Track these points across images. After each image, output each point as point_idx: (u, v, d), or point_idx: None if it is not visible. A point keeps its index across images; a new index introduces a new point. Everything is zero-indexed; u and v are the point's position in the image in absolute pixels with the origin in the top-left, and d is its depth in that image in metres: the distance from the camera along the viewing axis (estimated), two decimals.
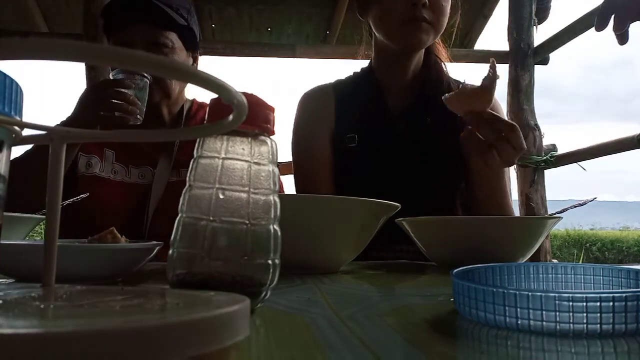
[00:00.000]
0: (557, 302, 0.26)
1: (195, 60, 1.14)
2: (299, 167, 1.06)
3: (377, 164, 0.98)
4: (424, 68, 1.03)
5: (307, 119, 1.07)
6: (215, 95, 0.28)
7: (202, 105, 1.19)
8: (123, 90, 0.88)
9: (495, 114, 0.77)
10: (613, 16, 0.74)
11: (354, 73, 1.10)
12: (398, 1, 0.92)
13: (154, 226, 1.00)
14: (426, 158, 0.98)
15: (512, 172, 1.01)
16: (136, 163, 1.06)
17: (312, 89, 1.10)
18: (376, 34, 1.00)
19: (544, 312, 0.27)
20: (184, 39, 1.07)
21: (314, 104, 1.08)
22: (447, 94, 0.77)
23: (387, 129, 1.00)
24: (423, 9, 0.90)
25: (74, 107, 0.91)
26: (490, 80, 0.74)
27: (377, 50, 1.04)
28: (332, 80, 1.11)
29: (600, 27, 0.75)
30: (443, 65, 1.05)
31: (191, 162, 0.34)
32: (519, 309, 0.27)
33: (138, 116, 0.92)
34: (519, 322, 0.27)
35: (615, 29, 0.74)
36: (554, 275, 0.42)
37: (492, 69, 0.74)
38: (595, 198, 0.91)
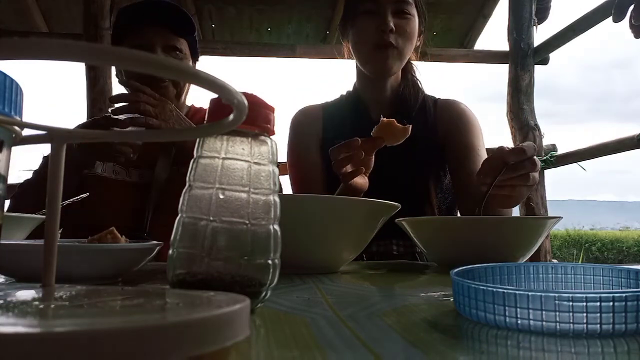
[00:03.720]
0: (557, 302, 0.26)
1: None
2: (295, 182, 1.15)
3: None
4: (402, 85, 1.14)
5: (298, 136, 1.17)
6: (215, 95, 0.28)
7: (198, 110, 1.22)
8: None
9: (520, 155, 0.72)
10: (632, 7, 0.72)
11: (341, 95, 1.21)
12: (369, 27, 1.04)
13: (155, 221, 1.02)
14: (407, 163, 1.07)
15: None
16: (136, 165, 1.08)
17: (300, 110, 1.21)
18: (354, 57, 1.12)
19: (544, 312, 0.27)
20: (190, 47, 1.13)
21: (303, 121, 1.18)
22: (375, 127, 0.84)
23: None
24: (390, 34, 1.02)
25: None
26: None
27: (358, 71, 1.15)
28: (323, 102, 1.23)
29: (617, 18, 0.74)
30: (419, 83, 1.17)
31: (191, 162, 0.34)
32: (519, 309, 0.27)
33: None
34: (519, 322, 0.27)
35: (634, 20, 0.72)
36: (554, 275, 0.42)
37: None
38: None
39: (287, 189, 1.25)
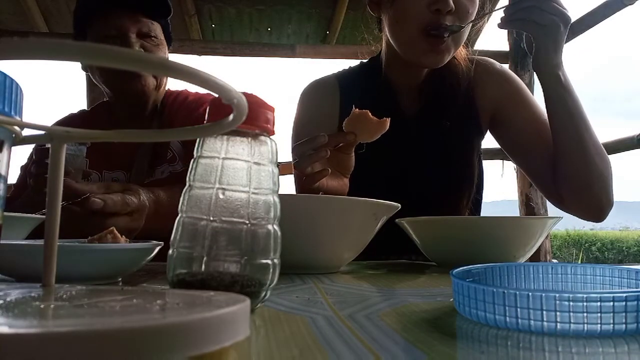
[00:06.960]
0: (557, 302, 0.26)
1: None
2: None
3: (385, 168, 0.94)
4: (438, 73, 0.94)
5: (308, 116, 0.99)
6: (215, 95, 0.28)
7: (172, 93, 1.15)
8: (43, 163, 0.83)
9: None
10: None
11: (361, 63, 1.03)
12: (418, 3, 0.81)
13: None
14: (438, 162, 0.95)
15: (512, 172, 1.01)
16: (110, 168, 1.05)
17: (313, 82, 1.03)
18: (388, 36, 0.91)
19: (544, 312, 0.27)
20: (164, 31, 1.06)
21: (316, 99, 1.00)
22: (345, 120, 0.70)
23: (400, 132, 0.89)
24: (448, 15, 0.80)
25: None
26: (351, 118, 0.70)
27: (388, 47, 0.94)
28: (336, 72, 1.04)
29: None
30: (461, 69, 0.97)
31: (191, 162, 0.34)
32: (519, 309, 0.27)
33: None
34: (519, 322, 0.27)
35: None
36: (554, 275, 0.42)
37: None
38: None
39: (288, 189, 1.21)
